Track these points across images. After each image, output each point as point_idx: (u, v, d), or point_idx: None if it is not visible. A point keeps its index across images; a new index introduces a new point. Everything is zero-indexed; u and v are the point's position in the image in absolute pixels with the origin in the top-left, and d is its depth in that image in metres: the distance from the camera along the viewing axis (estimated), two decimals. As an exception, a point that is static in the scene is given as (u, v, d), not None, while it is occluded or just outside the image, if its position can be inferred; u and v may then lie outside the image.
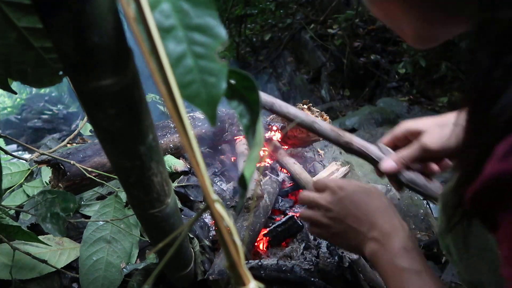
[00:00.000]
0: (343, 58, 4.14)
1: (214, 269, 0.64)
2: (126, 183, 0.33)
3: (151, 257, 0.69)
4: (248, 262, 0.72)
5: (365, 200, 0.53)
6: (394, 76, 4.11)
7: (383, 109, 3.30)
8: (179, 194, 0.87)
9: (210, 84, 0.18)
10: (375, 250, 0.49)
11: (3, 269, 0.60)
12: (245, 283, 0.18)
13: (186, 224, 0.21)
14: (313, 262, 0.74)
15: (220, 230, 0.18)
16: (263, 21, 5.34)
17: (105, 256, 0.65)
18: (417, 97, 3.82)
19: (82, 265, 0.63)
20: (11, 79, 0.35)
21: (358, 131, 3.00)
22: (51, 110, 5.74)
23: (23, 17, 0.30)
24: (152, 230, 0.44)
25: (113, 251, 0.66)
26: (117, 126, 0.25)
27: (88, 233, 0.66)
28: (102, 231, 0.67)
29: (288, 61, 4.83)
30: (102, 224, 0.68)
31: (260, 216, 0.79)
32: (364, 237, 0.51)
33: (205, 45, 0.17)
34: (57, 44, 0.20)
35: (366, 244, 0.50)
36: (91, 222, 0.68)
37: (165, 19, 0.17)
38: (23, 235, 0.59)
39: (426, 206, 1.07)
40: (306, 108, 0.99)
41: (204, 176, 0.17)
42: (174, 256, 0.53)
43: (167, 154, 0.97)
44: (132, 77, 0.23)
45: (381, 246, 0.48)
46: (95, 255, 0.64)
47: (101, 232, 0.67)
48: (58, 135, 4.26)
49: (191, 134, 0.17)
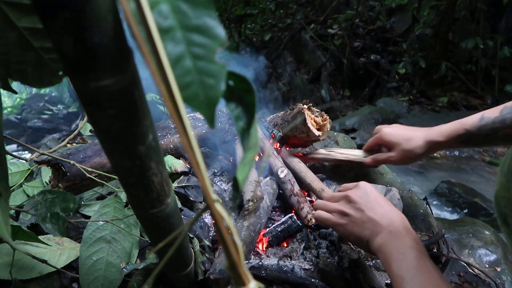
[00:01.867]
0: (343, 58, 4.14)
1: (215, 268, 0.64)
2: (126, 183, 0.33)
3: (151, 257, 0.69)
4: (249, 262, 0.72)
5: (384, 202, 0.61)
6: (394, 76, 4.11)
7: (383, 109, 3.30)
8: (179, 194, 0.87)
9: (208, 85, 0.18)
10: (387, 240, 0.54)
11: (3, 269, 0.60)
12: (245, 283, 0.18)
13: (186, 224, 0.21)
14: (313, 262, 0.74)
15: (220, 230, 0.18)
16: (263, 21, 5.34)
17: (105, 256, 0.65)
18: (417, 97, 3.82)
19: (82, 265, 0.63)
20: (11, 79, 0.35)
21: (358, 131, 3.00)
22: (51, 110, 5.75)
23: (23, 17, 0.30)
24: (152, 230, 0.44)
25: (113, 251, 0.66)
26: (117, 126, 0.25)
27: (88, 233, 0.66)
28: (102, 231, 0.67)
29: (288, 61, 4.83)
30: (102, 224, 0.68)
31: (261, 216, 0.79)
32: (380, 229, 0.56)
33: (204, 46, 0.17)
34: (57, 44, 0.20)
35: (379, 235, 0.56)
36: (91, 222, 0.68)
37: (164, 20, 0.17)
38: (23, 235, 0.59)
39: (426, 206, 1.07)
40: (306, 108, 0.99)
41: (204, 176, 0.17)
42: (174, 256, 0.53)
43: (167, 154, 0.97)
44: (132, 77, 0.23)
45: (394, 236, 0.54)
46: (95, 255, 0.64)
47: (101, 232, 0.67)
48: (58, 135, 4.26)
49: (191, 134, 0.17)
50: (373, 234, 0.57)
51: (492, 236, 1.04)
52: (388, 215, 0.58)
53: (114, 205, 0.71)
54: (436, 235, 0.98)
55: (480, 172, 2.19)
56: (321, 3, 4.93)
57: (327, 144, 1.35)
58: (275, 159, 0.97)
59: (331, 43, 4.39)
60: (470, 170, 2.23)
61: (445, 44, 3.75)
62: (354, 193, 0.63)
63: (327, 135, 1.00)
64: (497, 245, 1.00)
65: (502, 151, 2.45)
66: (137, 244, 0.71)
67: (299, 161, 1.00)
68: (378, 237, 0.56)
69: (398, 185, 1.13)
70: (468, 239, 1.03)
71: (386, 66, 4.15)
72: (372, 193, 0.62)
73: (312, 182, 0.90)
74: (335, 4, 4.63)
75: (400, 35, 4.37)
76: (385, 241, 0.54)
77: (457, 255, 0.96)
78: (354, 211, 0.61)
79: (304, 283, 0.67)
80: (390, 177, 1.22)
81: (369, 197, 0.61)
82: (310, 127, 0.95)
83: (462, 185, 1.80)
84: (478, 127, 0.73)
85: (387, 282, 0.75)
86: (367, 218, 0.59)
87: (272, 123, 1.18)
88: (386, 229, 0.55)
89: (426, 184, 1.98)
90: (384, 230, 0.56)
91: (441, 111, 3.50)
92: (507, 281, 0.90)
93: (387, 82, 4.08)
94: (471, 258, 0.97)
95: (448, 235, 1.04)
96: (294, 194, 0.89)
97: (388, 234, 0.55)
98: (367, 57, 4.23)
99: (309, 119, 0.96)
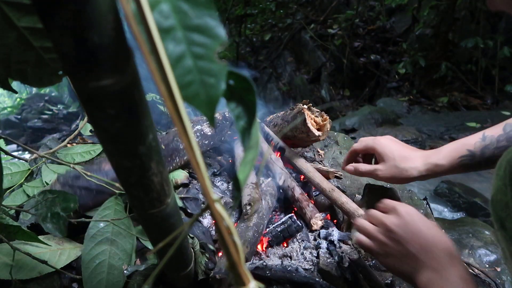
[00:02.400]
0: (343, 58, 4.14)
1: (220, 268, 0.64)
2: (126, 183, 0.33)
3: (151, 258, 0.69)
4: (252, 262, 0.72)
5: (427, 230, 0.54)
6: (394, 76, 4.11)
7: (383, 109, 3.30)
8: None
9: (209, 85, 0.18)
10: (432, 279, 0.50)
11: (3, 269, 0.60)
12: (245, 283, 0.18)
13: (186, 224, 0.21)
14: (313, 262, 0.74)
15: (220, 230, 0.18)
16: (263, 21, 5.34)
17: (107, 259, 0.65)
18: (417, 97, 3.82)
19: (85, 269, 0.63)
20: (11, 79, 0.35)
21: (358, 131, 3.00)
22: (51, 110, 5.75)
23: (23, 17, 0.30)
24: (152, 230, 0.44)
25: (115, 253, 0.66)
26: (117, 126, 0.25)
27: (90, 236, 0.66)
28: (103, 233, 0.67)
29: (288, 61, 4.83)
30: (103, 227, 0.68)
31: (263, 217, 0.79)
32: (422, 266, 0.51)
33: (205, 45, 0.17)
34: (57, 44, 0.20)
35: (422, 272, 0.51)
36: (92, 224, 0.68)
37: (164, 19, 0.17)
38: (23, 235, 0.59)
39: (426, 206, 1.07)
40: (306, 108, 0.99)
41: (204, 176, 0.17)
42: (174, 256, 0.53)
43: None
44: (132, 77, 0.23)
45: (439, 275, 0.49)
46: (97, 258, 0.64)
47: (103, 235, 0.67)
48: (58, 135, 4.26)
49: (191, 134, 0.17)
50: (415, 270, 0.52)
51: (492, 236, 1.04)
52: (430, 248, 0.52)
53: (114, 207, 0.72)
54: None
55: (480, 172, 2.19)
56: (321, 3, 4.93)
57: (327, 144, 1.35)
58: (274, 164, 0.97)
59: (331, 43, 4.40)
60: (470, 170, 2.23)
61: (445, 44, 3.75)
62: (393, 222, 0.56)
63: (327, 135, 1.00)
64: (497, 245, 1.00)
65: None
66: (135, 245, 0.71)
67: (305, 161, 0.99)
68: (422, 275, 0.51)
69: (398, 185, 1.13)
70: (468, 239, 1.03)
71: (386, 66, 4.15)
72: (413, 221, 0.55)
73: (321, 183, 0.89)
74: (335, 4, 4.63)
75: (400, 35, 4.37)
76: (430, 280, 0.50)
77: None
78: (393, 242, 0.55)
79: (309, 283, 0.67)
80: (390, 177, 1.22)
81: (409, 226, 0.54)
82: (310, 127, 0.95)
83: (462, 185, 1.80)
84: (481, 147, 0.66)
85: (387, 282, 0.75)
86: (407, 252, 0.53)
87: (272, 123, 1.18)
88: (429, 266, 0.50)
89: (426, 184, 1.98)
90: (427, 267, 0.51)
91: (441, 111, 3.50)
92: (507, 281, 0.90)
93: (387, 82, 4.09)
94: (471, 258, 0.97)
95: (448, 235, 1.04)
96: (295, 199, 0.89)
97: (432, 272, 0.50)
98: (367, 57, 4.23)
99: (309, 119, 0.96)
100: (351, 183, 1.15)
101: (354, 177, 1.19)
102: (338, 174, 0.95)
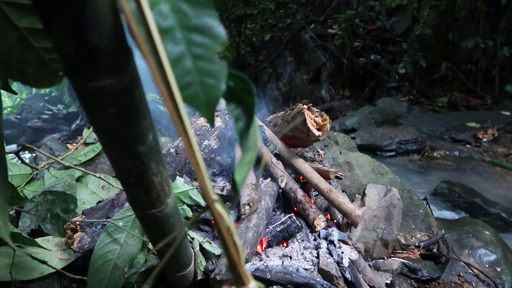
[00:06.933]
0: (343, 58, 4.14)
1: (220, 269, 0.64)
2: (126, 183, 0.33)
3: (151, 258, 0.69)
4: (253, 263, 0.71)
5: None
6: (394, 76, 4.11)
7: (383, 109, 3.30)
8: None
9: (209, 85, 0.18)
10: None
11: (3, 270, 0.60)
12: (245, 283, 0.18)
13: (186, 224, 0.21)
14: (313, 262, 0.74)
15: (220, 230, 0.18)
16: (263, 21, 5.34)
17: (114, 259, 0.65)
18: (417, 97, 3.82)
19: (93, 264, 0.64)
20: (12, 79, 0.35)
21: (358, 131, 3.00)
22: (51, 110, 5.75)
23: (23, 17, 0.30)
24: (152, 230, 0.44)
25: (122, 255, 0.66)
26: (117, 126, 0.25)
27: (108, 231, 0.66)
28: (119, 232, 0.67)
29: (288, 61, 4.83)
30: (123, 226, 0.68)
31: (263, 218, 0.79)
32: None
33: (204, 46, 0.17)
34: (57, 44, 0.20)
35: None
36: (110, 224, 0.67)
37: (163, 20, 0.16)
38: (23, 241, 0.59)
39: (426, 206, 1.07)
40: (306, 108, 0.99)
41: (204, 176, 0.17)
42: (174, 256, 0.53)
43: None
44: (132, 77, 0.23)
45: None
46: (106, 256, 0.65)
47: (118, 234, 0.67)
48: (58, 135, 4.26)
49: (191, 134, 0.17)
50: None
51: (492, 236, 1.04)
52: None
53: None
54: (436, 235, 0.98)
55: (480, 172, 2.19)
56: (321, 3, 4.93)
57: (327, 144, 1.35)
58: (275, 167, 0.97)
59: (331, 43, 4.40)
60: (470, 170, 2.23)
61: (445, 44, 3.75)
62: None
63: (327, 135, 1.00)
64: (497, 245, 1.00)
65: (502, 151, 2.45)
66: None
67: (304, 161, 0.99)
68: None
69: (398, 185, 1.13)
70: (468, 239, 1.03)
71: (386, 66, 4.15)
72: None
73: (319, 183, 0.90)
74: (335, 4, 4.63)
75: (400, 35, 4.37)
76: None
77: (457, 255, 0.96)
78: None
79: (309, 283, 0.67)
80: (390, 177, 1.22)
81: None
82: (310, 127, 0.95)
83: (462, 185, 1.80)
84: None
85: (387, 282, 0.75)
86: None
87: (272, 123, 1.18)
88: None
89: (426, 184, 1.98)
90: None
91: (441, 111, 3.50)
92: (507, 281, 0.90)
93: (387, 82, 4.09)
94: (471, 258, 0.97)
95: (448, 235, 1.04)
96: (298, 201, 0.89)
97: None
98: (367, 57, 4.23)
99: (309, 119, 0.96)
100: (351, 183, 1.15)
101: (354, 177, 1.19)
102: (339, 174, 0.95)
